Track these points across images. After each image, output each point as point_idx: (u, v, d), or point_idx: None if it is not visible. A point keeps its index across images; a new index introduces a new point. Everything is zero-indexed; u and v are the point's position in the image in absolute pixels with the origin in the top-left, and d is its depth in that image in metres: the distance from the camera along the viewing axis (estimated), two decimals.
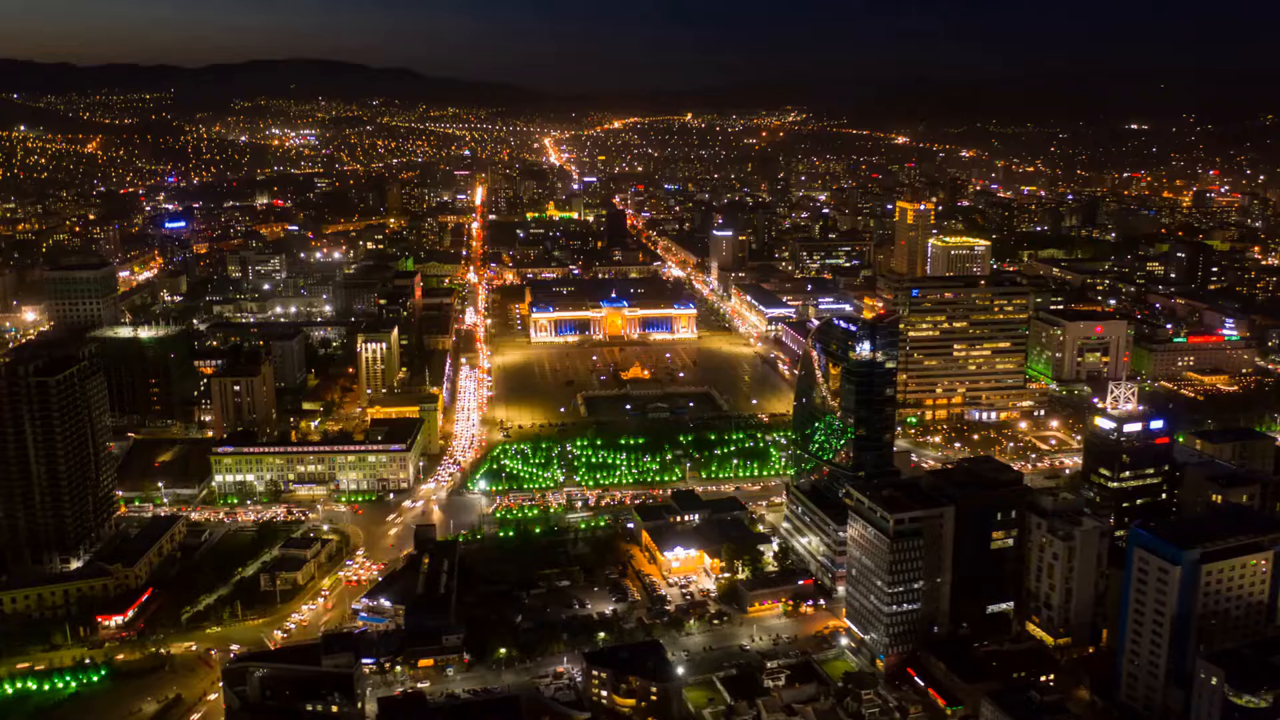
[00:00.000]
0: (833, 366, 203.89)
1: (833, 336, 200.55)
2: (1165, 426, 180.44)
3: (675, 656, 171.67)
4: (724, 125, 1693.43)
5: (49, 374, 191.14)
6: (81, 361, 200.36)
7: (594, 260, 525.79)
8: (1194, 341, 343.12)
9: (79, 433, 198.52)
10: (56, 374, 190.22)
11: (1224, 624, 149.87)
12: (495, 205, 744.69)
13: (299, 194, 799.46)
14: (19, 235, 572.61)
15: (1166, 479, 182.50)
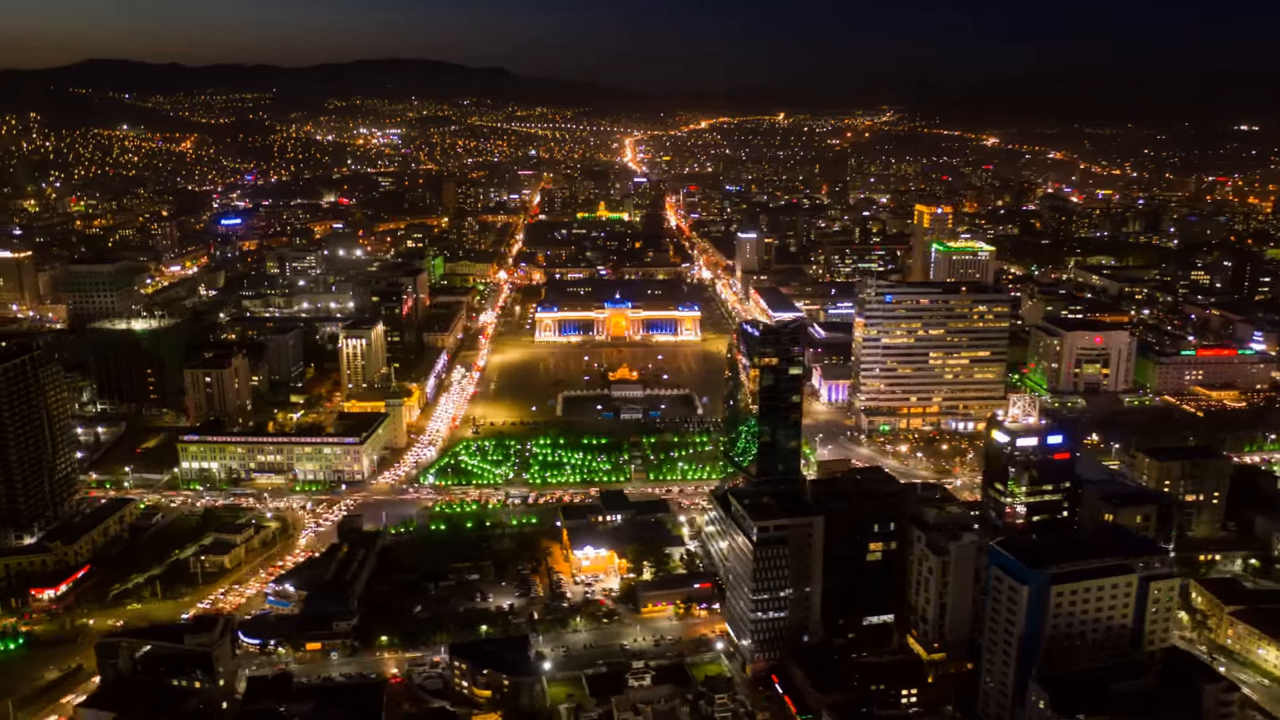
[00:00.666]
0: (752, 370, 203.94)
1: (746, 340, 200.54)
2: (1065, 442, 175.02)
3: (554, 653, 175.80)
4: (814, 125, 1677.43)
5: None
6: (34, 350, 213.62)
7: (626, 261, 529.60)
8: (1204, 355, 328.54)
9: (33, 418, 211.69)
10: (6, 362, 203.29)
11: (1082, 646, 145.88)
12: (550, 205, 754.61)
13: (366, 192, 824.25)
14: (88, 231, 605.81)
15: (1068, 496, 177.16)
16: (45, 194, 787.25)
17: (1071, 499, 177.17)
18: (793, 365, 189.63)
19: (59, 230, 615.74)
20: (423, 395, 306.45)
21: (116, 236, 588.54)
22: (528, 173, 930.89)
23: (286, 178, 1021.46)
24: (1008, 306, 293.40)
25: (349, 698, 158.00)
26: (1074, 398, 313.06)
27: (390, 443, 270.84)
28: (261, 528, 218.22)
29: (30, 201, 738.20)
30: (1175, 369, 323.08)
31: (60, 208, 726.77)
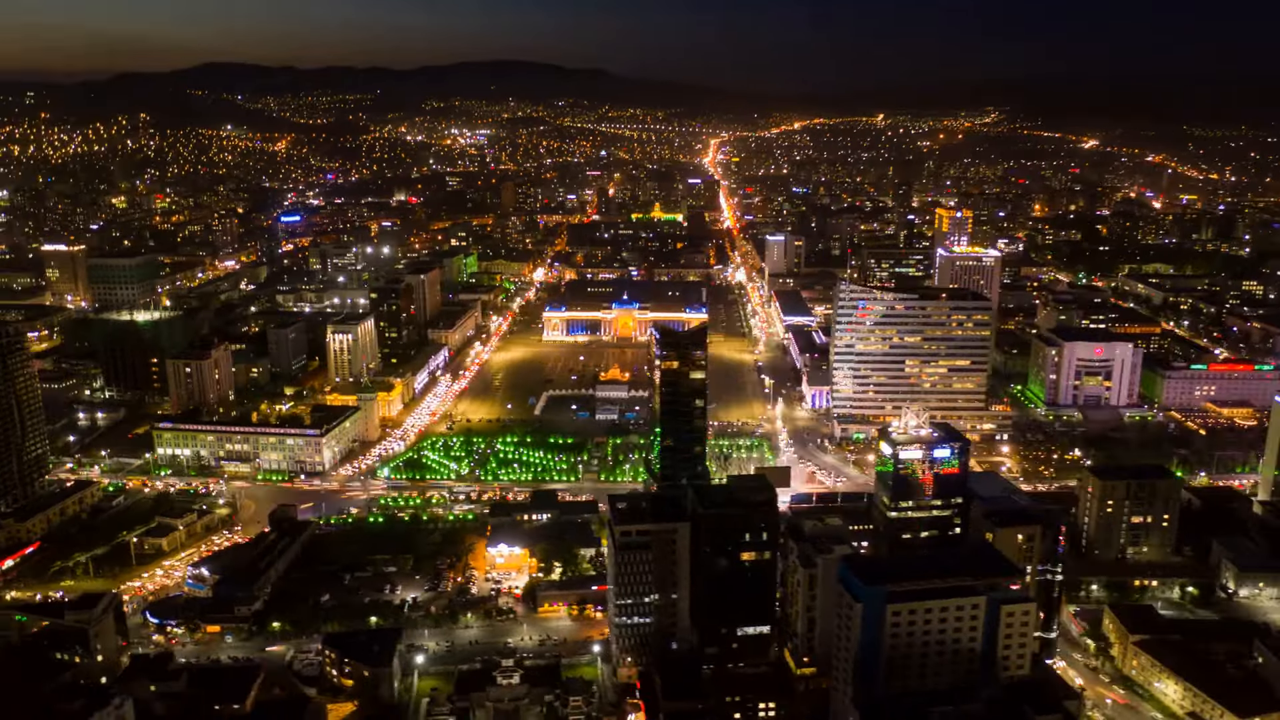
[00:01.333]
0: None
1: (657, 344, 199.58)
2: (952, 455, 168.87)
3: (437, 647, 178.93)
4: (912, 127, 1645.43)
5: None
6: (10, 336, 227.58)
7: (662, 262, 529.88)
8: (1216, 369, 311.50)
9: (1, 403, 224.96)
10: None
11: (926, 667, 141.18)
12: (607, 206, 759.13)
13: (436, 192, 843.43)
14: (162, 226, 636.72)
15: (959, 512, 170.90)
16: (137, 190, 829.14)
17: (965, 515, 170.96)
18: (694, 369, 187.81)
19: (135, 225, 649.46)
20: (409, 390, 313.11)
21: (186, 232, 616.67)
22: (596, 173, 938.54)
23: (367, 176, 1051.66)
24: (988, 314, 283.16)
25: (223, 679, 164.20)
26: (1071, 411, 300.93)
27: (361, 435, 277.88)
28: (206, 513, 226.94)
29: (120, 198, 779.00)
30: (1184, 383, 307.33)
31: (146, 204, 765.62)
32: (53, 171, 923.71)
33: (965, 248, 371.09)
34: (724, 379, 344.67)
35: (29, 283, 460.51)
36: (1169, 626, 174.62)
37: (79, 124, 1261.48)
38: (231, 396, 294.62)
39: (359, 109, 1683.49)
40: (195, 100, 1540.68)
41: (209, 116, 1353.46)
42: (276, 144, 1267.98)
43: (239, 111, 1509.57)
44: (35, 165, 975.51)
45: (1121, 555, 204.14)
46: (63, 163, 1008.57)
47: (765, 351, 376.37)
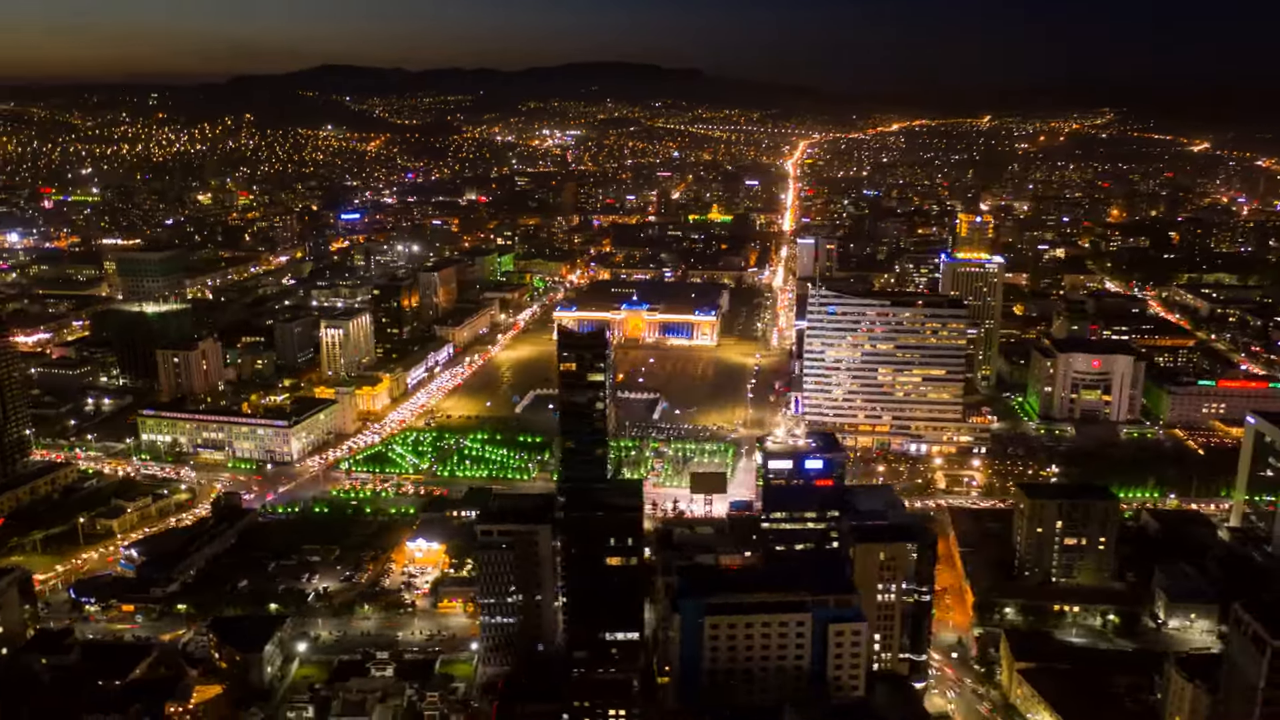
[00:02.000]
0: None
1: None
2: (825, 468, 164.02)
3: (329, 636, 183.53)
4: (1018, 129, 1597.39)
5: None
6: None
7: (700, 264, 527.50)
8: (1226, 386, 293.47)
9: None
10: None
11: (753, 682, 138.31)
12: (667, 206, 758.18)
13: (507, 191, 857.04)
14: (233, 222, 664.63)
15: (835, 525, 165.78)
16: (225, 187, 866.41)
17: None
18: (592, 372, 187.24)
19: (210, 221, 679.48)
20: (399, 385, 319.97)
21: (254, 228, 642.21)
22: (667, 174, 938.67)
23: (447, 176, 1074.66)
24: (965, 323, 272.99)
25: (116, 655, 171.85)
26: (1064, 425, 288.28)
27: (338, 428, 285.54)
28: (162, 497, 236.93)
29: (207, 195, 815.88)
30: (1190, 400, 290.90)
31: (229, 200, 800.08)
32: (153, 169, 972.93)
33: (967, 253, 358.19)
34: (719, 381, 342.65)
35: (93, 273, 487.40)
36: (1065, 655, 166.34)
37: (189, 124, 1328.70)
38: (221, 386, 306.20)
39: (458, 109, 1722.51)
40: (305, 101, 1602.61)
41: (314, 117, 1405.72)
42: (370, 144, 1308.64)
43: (343, 112, 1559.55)
44: (138, 163, 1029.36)
45: (1047, 579, 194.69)
46: (164, 161, 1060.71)
47: (772, 355, 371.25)
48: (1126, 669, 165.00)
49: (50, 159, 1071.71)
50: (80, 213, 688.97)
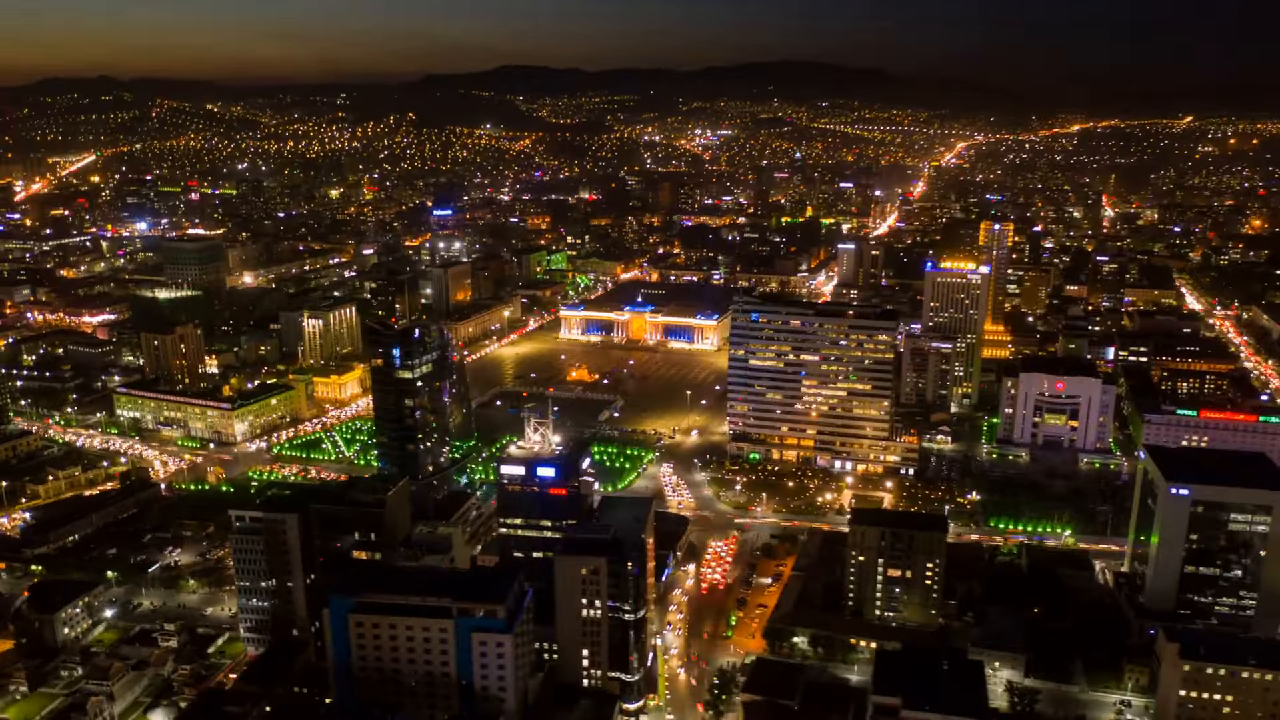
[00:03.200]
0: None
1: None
2: (558, 476, 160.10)
3: (150, 605, 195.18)
4: (1218, 130, 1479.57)
5: None
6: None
7: (754, 267, 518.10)
8: (1208, 417, 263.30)
9: None
10: None
11: (403, 686, 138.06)
12: (761, 208, 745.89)
13: (617, 190, 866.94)
14: (339, 216, 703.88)
15: None
16: (358, 184, 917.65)
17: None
18: (401, 369, 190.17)
19: (326, 214, 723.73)
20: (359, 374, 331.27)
21: (361, 222, 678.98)
22: (783, 175, 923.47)
23: (576, 174, 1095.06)
24: (892, 335, 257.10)
25: None
26: (1020, 451, 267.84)
27: (294, 412, 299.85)
28: (92, 467, 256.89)
29: (336, 190, 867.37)
30: (1167, 430, 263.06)
31: (355, 196, 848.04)
32: (303, 165, 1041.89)
33: (953, 262, 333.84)
34: (700, 386, 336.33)
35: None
36: (810, 691, 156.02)
37: (356, 122, 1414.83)
38: (215, 370, 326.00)
39: (621, 109, 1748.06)
40: (477, 100, 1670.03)
41: (475, 115, 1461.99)
42: (519, 142, 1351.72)
43: (508, 111, 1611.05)
44: (291, 159, 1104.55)
45: (856, 610, 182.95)
46: (315, 157, 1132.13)
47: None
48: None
49: (221, 154, 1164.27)
50: (214, 205, 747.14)
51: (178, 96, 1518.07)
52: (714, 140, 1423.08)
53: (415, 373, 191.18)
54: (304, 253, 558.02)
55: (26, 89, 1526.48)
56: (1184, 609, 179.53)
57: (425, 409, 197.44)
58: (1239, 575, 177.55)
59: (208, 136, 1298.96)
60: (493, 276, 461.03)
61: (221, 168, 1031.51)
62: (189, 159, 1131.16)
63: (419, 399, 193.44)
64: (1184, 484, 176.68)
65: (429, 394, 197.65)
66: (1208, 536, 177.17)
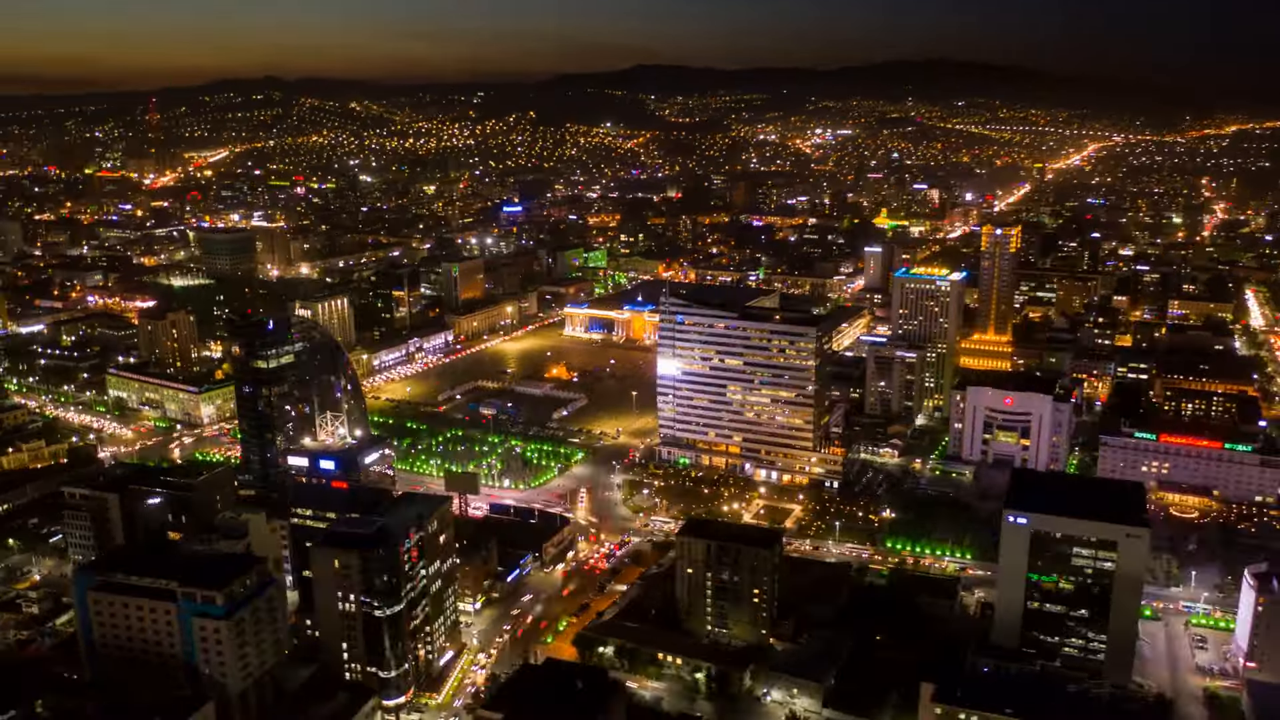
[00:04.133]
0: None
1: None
2: (337, 469, 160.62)
3: (39, 574, 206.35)
4: None
5: None
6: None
7: (796, 270, 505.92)
8: (1170, 442, 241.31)
9: None
10: None
11: (136, 665, 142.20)
12: (839, 209, 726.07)
13: (701, 188, 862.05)
14: (418, 211, 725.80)
15: None
16: (457, 180, 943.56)
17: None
18: (256, 359, 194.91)
19: (406, 209, 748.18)
20: (361, 364, 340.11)
21: (448, 219, 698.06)
22: (876, 175, 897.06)
23: (675, 172, 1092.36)
24: (814, 341, 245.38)
25: None
26: (964, 468, 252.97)
27: None
28: (56, 442, 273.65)
29: (431, 186, 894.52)
30: (1126, 455, 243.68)
31: (449, 191, 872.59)
32: (414, 161, 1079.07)
33: (925, 269, 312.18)
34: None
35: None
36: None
37: (482, 119, 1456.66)
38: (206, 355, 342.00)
39: (747, 108, 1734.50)
40: (607, 99, 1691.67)
41: (595, 114, 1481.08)
42: (633, 141, 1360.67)
43: (634, 111, 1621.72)
44: (404, 156, 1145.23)
45: (687, 626, 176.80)
46: (429, 154, 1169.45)
47: None
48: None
49: (343, 150, 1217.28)
50: (307, 199, 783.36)
51: (325, 95, 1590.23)
52: (830, 140, 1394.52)
53: (271, 363, 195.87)
54: (371, 245, 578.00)
55: (201, 88, 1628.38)
56: (1029, 647, 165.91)
57: (285, 399, 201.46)
58: (1085, 615, 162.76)
59: (338, 133, 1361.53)
60: (519, 272, 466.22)
61: (333, 163, 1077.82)
62: (311, 155, 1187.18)
63: (274, 389, 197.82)
64: (1023, 512, 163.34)
65: (293, 385, 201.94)
66: (1050, 571, 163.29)
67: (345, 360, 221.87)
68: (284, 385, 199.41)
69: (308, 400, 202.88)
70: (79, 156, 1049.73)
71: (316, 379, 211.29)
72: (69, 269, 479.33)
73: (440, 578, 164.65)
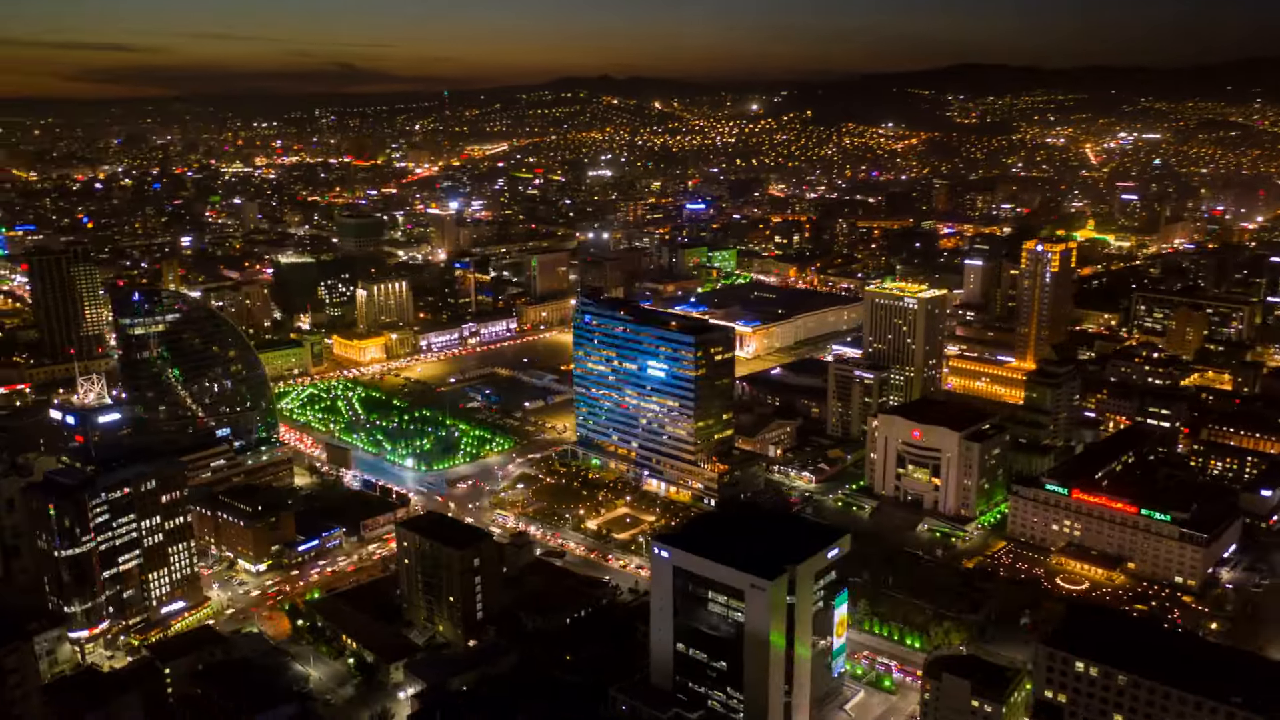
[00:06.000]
0: None
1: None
2: (76, 425, 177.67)
3: None
4: None
5: None
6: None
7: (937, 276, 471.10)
8: (1083, 500, 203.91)
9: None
10: None
11: None
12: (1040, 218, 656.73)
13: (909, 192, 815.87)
14: (582, 202, 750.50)
15: None
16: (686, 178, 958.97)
17: None
18: (133, 325, 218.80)
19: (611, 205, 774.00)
20: (405, 343, 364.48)
21: (629, 215, 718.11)
22: (1127, 185, 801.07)
23: (924, 175, 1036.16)
24: (696, 350, 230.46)
25: None
26: (868, 503, 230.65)
27: (304, 366, 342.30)
28: None
29: (656, 183, 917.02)
30: (1036, 511, 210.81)
31: (671, 189, 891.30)
32: (660, 158, 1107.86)
33: (890, 285, 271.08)
34: None
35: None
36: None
37: (759, 118, 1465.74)
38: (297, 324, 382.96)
39: (1056, 109, 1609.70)
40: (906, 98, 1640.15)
41: (882, 114, 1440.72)
42: (903, 142, 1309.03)
43: (920, 111, 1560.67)
44: (655, 152, 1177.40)
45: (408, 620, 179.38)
46: (679, 151, 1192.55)
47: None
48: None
49: (608, 146, 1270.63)
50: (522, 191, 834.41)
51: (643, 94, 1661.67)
52: (1126, 144, 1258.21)
53: (145, 330, 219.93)
54: (536, 236, 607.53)
55: (543, 86, 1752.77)
56: (682, 694, 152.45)
57: (161, 363, 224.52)
58: (724, 667, 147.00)
59: (615, 130, 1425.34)
60: (626, 268, 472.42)
61: (582, 158, 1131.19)
62: (577, 150, 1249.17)
63: (147, 352, 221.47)
64: (667, 545, 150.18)
65: (174, 352, 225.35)
66: (690, 615, 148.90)
67: (237, 337, 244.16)
68: (149, 350, 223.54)
69: (187, 367, 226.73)
70: (373, 147, 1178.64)
71: (194, 349, 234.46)
72: (272, 245, 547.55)
73: (161, 533, 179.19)
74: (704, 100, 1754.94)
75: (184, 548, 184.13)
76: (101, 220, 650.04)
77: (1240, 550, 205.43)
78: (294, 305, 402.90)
